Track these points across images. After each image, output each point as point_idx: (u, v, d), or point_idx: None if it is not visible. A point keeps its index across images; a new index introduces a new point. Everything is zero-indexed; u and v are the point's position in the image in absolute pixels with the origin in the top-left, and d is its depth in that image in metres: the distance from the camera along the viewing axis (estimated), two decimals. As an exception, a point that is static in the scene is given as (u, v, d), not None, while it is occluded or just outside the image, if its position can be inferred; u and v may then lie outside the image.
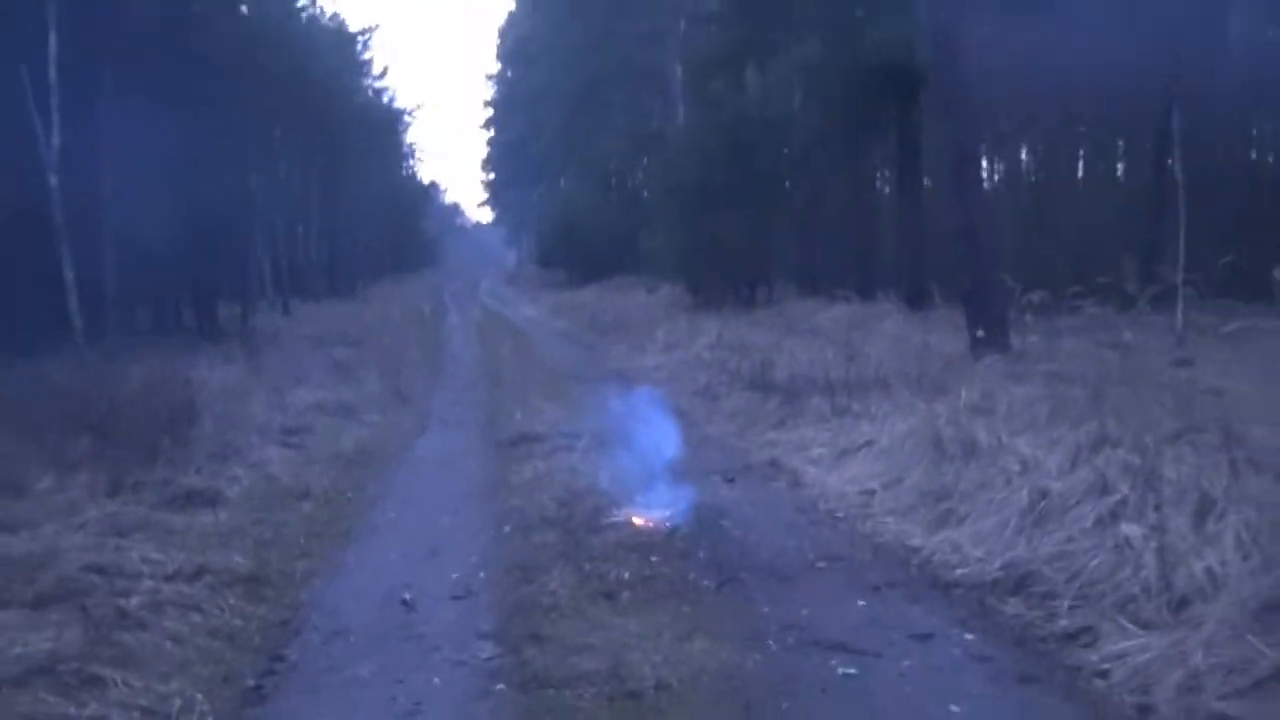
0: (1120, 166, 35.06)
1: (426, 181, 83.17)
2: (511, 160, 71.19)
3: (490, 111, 76.34)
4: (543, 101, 52.77)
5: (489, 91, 76.18)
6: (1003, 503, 8.07)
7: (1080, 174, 35.97)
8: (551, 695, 5.51)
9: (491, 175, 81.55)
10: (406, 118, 58.73)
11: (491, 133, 78.26)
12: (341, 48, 41.24)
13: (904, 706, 5.33)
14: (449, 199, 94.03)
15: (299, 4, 36.13)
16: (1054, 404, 10.32)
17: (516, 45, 62.80)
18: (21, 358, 16.67)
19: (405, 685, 5.75)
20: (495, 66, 74.20)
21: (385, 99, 54.22)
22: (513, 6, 68.55)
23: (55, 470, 10.39)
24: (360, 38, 42.49)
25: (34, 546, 7.85)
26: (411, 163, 72.04)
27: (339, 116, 37.20)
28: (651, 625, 6.46)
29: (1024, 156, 37.35)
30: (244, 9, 30.01)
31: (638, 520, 8.67)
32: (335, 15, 41.15)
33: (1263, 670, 4.98)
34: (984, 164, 36.04)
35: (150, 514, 9.25)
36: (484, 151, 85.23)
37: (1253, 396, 9.72)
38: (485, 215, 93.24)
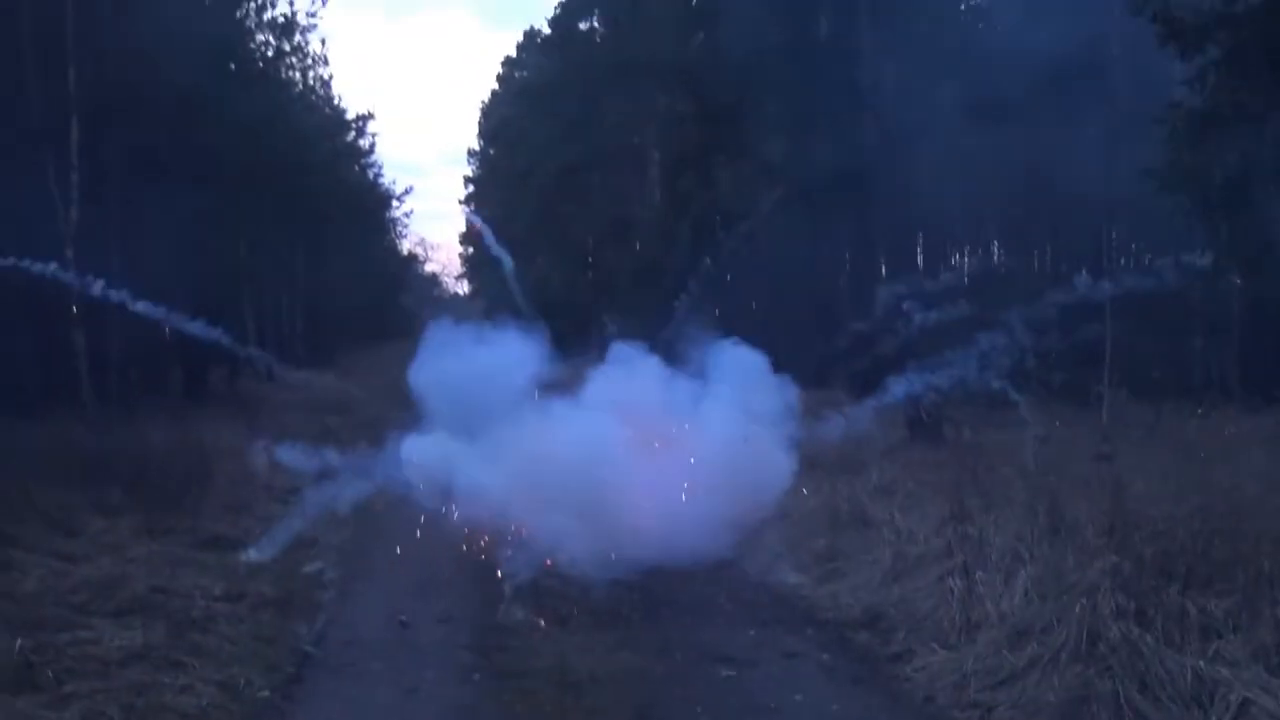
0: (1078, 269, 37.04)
1: (406, 253, 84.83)
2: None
3: (471, 189, 78.24)
4: (522, 183, 54.43)
5: (470, 169, 78.01)
6: (874, 563, 10.30)
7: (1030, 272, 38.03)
8: (514, 682, 7.64)
9: (470, 250, 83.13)
10: (395, 201, 60.76)
11: (471, 208, 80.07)
12: (337, 133, 43.42)
13: (763, 694, 7.49)
14: (428, 269, 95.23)
15: (297, 90, 38.44)
16: (942, 488, 12.46)
17: (498, 127, 64.48)
18: (25, 418, 18.54)
19: (407, 675, 7.87)
20: (477, 144, 75.82)
21: (372, 174, 56.30)
22: (496, 86, 70.30)
23: (101, 516, 12.41)
24: (355, 124, 44.78)
25: (104, 573, 9.86)
26: (395, 236, 74.00)
27: (330, 198, 39.24)
28: (590, 641, 8.64)
29: (968, 256, 39.67)
30: (247, 98, 32.15)
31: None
32: (333, 100, 43.12)
33: (1006, 673, 7.17)
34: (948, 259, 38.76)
35: (188, 553, 11.32)
36: (463, 225, 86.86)
37: (1146, 488, 11.64)
38: (463, 288, 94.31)
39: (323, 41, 43.96)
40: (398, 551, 12.27)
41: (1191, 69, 11.00)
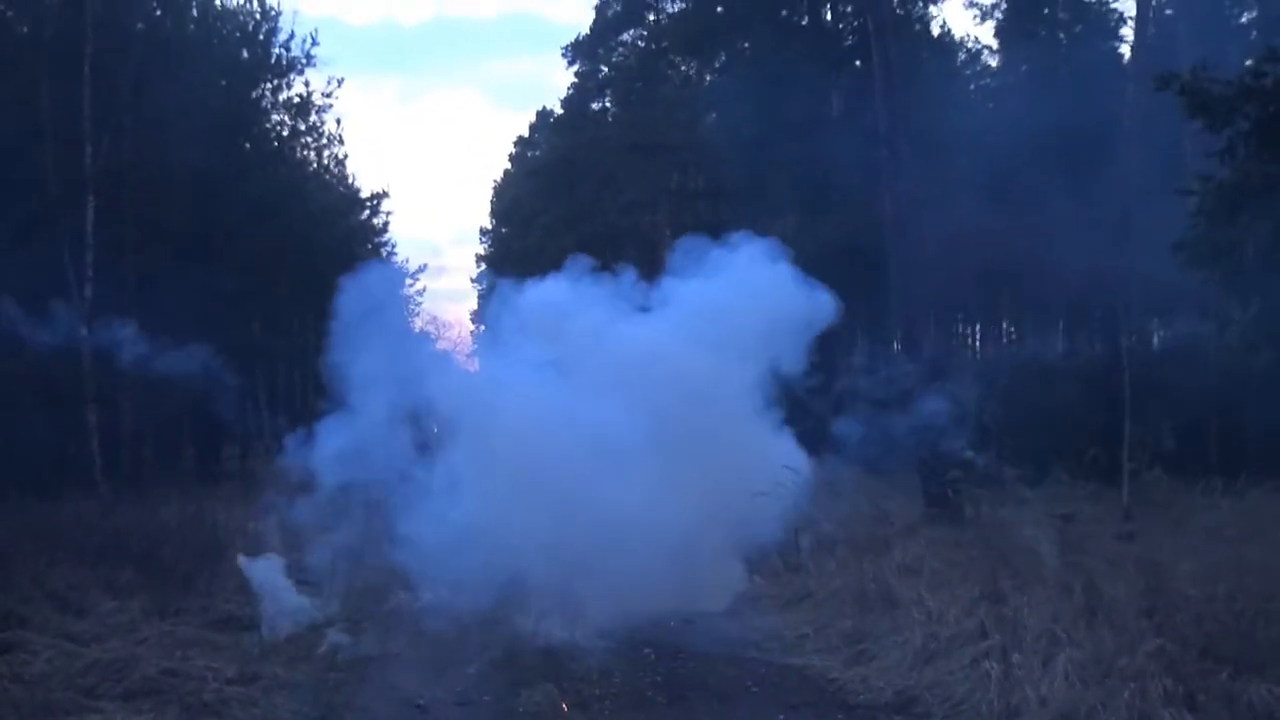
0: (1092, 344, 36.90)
1: (419, 332, 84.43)
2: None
3: (483, 267, 78.16)
4: (534, 261, 54.36)
5: (482, 247, 77.97)
6: (904, 644, 10.01)
7: (1047, 350, 37.88)
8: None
9: (483, 328, 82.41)
10: (409, 279, 60.55)
11: (484, 286, 79.92)
12: (351, 211, 43.40)
13: (797, 784, 7.17)
14: (441, 347, 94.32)
15: (311, 169, 38.53)
16: (969, 567, 12.20)
17: (510, 206, 64.62)
18: (38, 498, 18.36)
19: (425, 764, 7.58)
20: (489, 222, 75.80)
21: (386, 253, 56.18)
22: (508, 166, 70.56)
23: (111, 596, 12.17)
24: (369, 203, 44.88)
25: (114, 655, 9.60)
26: (408, 314, 73.59)
27: (344, 276, 38.88)
28: (615, 728, 8.33)
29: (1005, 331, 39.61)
30: (262, 177, 32.24)
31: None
32: (348, 179, 43.15)
33: (1051, 760, 6.89)
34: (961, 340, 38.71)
35: (200, 633, 11.10)
36: (475, 303, 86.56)
37: (1170, 567, 11.41)
38: (475, 365, 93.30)
39: (338, 121, 44.24)
40: (412, 627, 11.99)
41: (1220, 141, 10.88)
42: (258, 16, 31.62)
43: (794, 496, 14.67)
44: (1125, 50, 31.97)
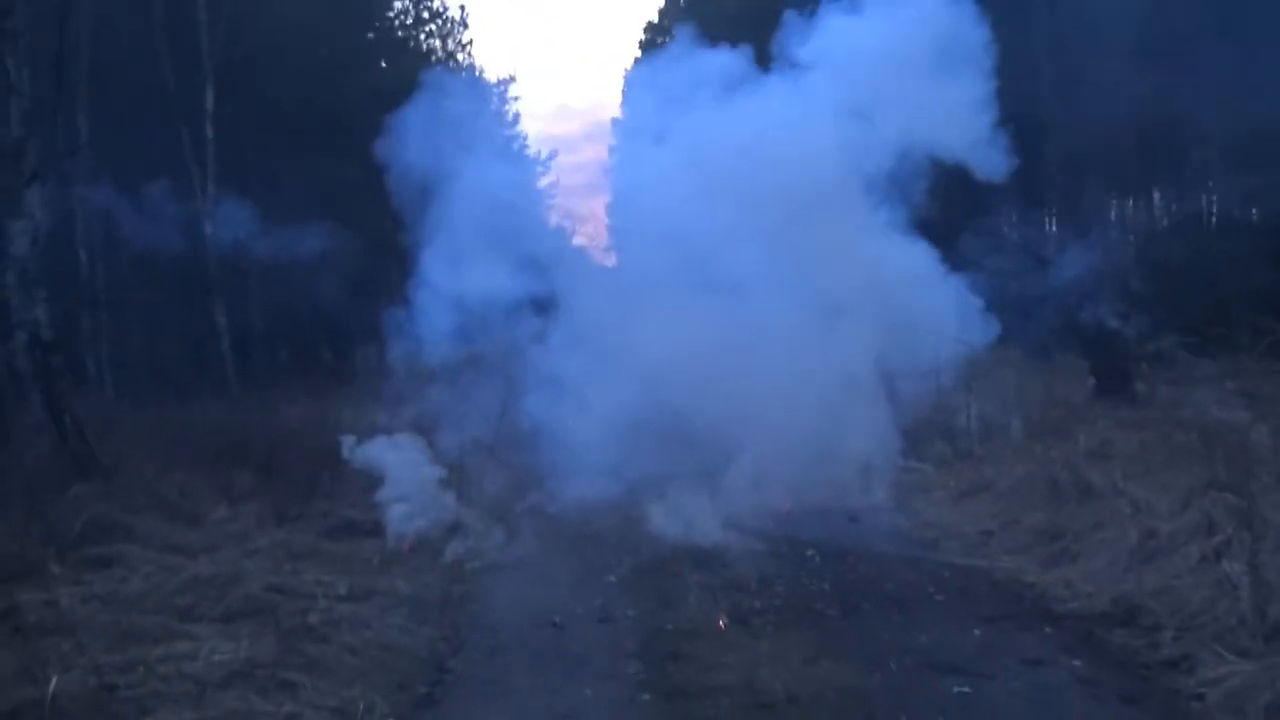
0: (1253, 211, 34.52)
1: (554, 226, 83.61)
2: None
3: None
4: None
5: (615, 139, 76.19)
6: (1114, 542, 8.54)
7: (1212, 219, 35.50)
8: (694, 704, 6.14)
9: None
10: (539, 168, 59.16)
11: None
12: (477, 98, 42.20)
13: (1012, 717, 5.83)
14: (575, 242, 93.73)
15: (436, 58, 37.46)
16: (1169, 450, 10.67)
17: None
18: (175, 398, 17.77)
19: (561, 693, 6.41)
20: (621, 113, 74.09)
21: (517, 146, 54.94)
22: (638, 54, 68.87)
23: (226, 502, 11.29)
24: (496, 89, 43.62)
25: (217, 569, 8.64)
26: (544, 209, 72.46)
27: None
28: (781, 647, 7.08)
29: (1155, 200, 37.12)
30: (383, 64, 31.30)
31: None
32: (475, 69, 42.03)
33: (1344, 692, 5.43)
34: (1110, 208, 36.33)
35: (317, 542, 10.13)
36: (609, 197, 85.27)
37: None
38: (610, 259, 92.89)
39: (462, 6, 42.94)
40: (547, 529, 10.95)
41: None
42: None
43: (955, 372, 13.37)
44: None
